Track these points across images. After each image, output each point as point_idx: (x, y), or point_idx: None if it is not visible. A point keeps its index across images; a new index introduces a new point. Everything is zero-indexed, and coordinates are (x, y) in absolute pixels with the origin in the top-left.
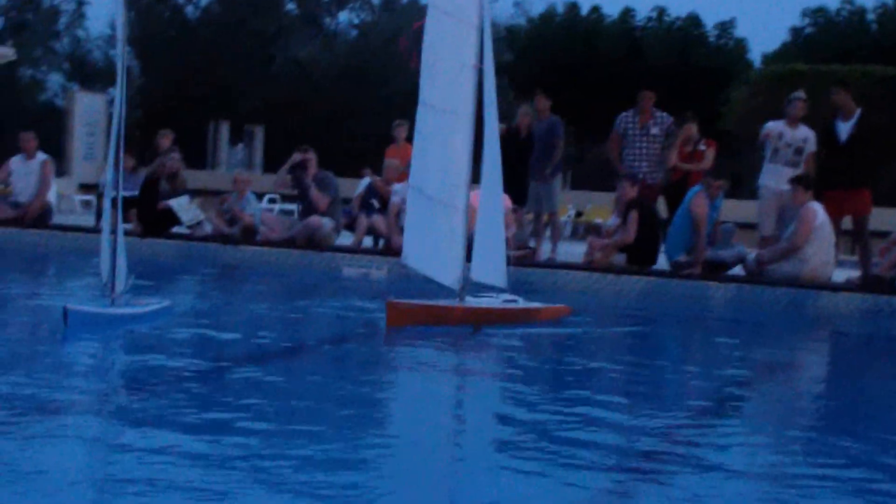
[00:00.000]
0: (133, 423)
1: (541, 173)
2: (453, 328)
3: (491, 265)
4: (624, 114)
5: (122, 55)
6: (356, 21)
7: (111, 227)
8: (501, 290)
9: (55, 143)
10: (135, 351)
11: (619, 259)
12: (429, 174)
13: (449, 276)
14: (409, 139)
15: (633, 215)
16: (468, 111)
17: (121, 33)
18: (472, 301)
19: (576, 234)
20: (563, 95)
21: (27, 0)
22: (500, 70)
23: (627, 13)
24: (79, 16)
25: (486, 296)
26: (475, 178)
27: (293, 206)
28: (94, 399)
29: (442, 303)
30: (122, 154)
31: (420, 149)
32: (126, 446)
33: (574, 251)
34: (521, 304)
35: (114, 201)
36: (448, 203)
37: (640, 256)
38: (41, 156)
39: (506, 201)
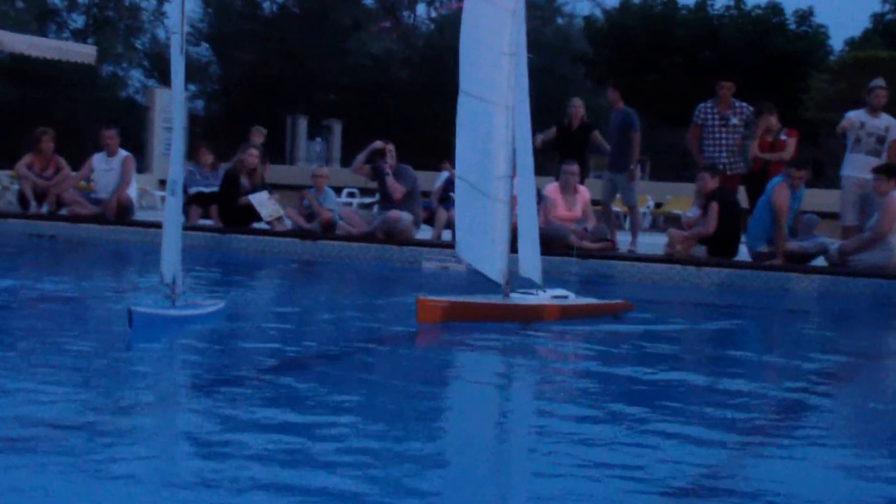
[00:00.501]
0: (220, 422)
1: (617, 165)
2: (499, 324)
3: (526, 258)
4: (703, 104)
5: (181, 50)
6: (433, 14)
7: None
8: (557, 286)
9: (136, 140)
10: (216, 349)
11: (700, 251)
12: (471, 165)
13: (494, 268)
14: None
15: (714, 207)
16: (506, 100)
17: (178, 26)
18: (516, 297)
19: (655, 226)
20: (640, 85)
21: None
22: (577, 60)
23: (705, 1)
24: (159, 12)
25: (531, 291)
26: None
27: (371, 200)
28: (180, 398)
29: (479, 299)
30: (181, 150)
31: (461, 139)
32: (214, 445)
33: (654, 243)
34: (573, 299)
35: (193, 197)
36: (490, 194)
37: (720, 248)
38: (123, 153)
39: (584, 193)
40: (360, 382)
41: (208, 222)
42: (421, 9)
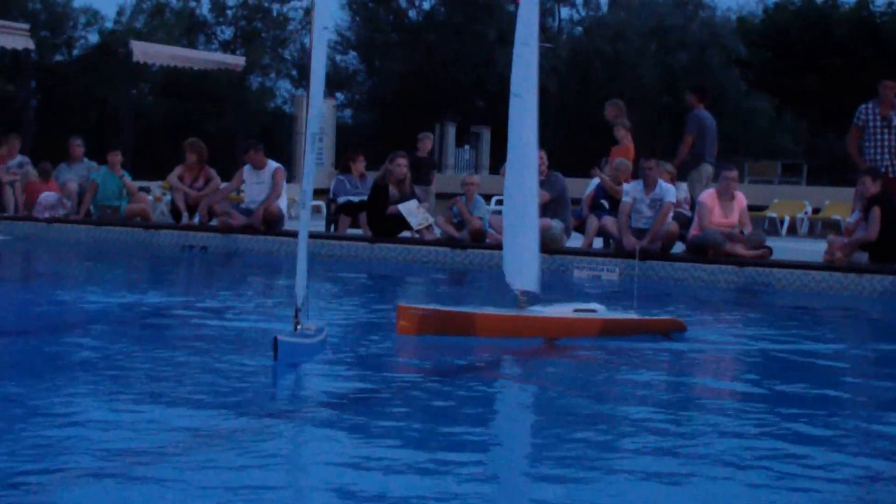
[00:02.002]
0: (368, 438)
1: (693, 163)
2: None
3: (521, 266)
4: (864, 105)
5: (320, 59)
6: (577, 18)
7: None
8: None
9: (285, 150)
10: (374, 363)
11: (861, 258)
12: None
13: (524, 279)
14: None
15: (876, 211)
16: (533, 96)
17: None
18: (537, 310)
19: (812, 232)
20: (797, 87)
21: (257, 9)
22: (732, 62)
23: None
24: (306, 22)
25: (554, 304)
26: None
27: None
28: (325, 414)
29: (477, 310)
30: (312, 162)
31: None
32: (356, 459)
33: (812, 249)
34: (604, 313)
35: (342, 207)
36: (520, 197)
37: (883, 254)
38: (273, 164)
39: (741, 199)
40: (506, 396)
41: (357, 231)
42: (565, 13)
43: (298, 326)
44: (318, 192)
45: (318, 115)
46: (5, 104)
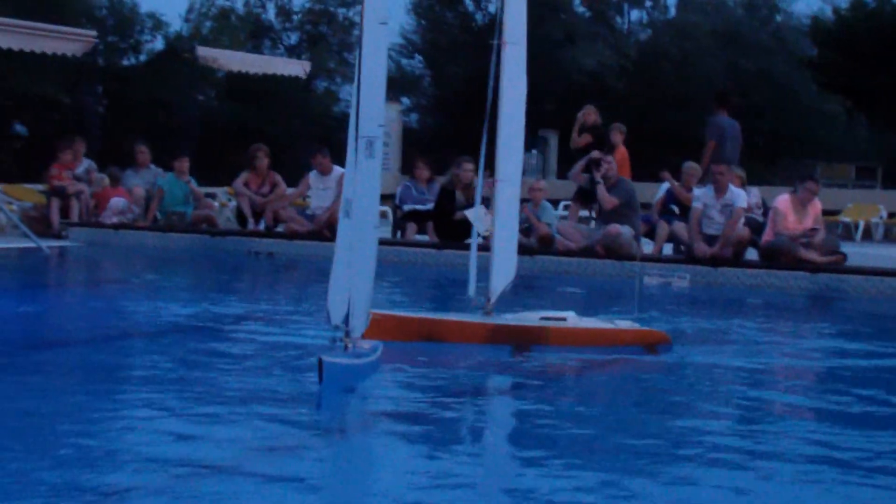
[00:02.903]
0: (438, 450)
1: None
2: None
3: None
4: None
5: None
6: (646, 20)
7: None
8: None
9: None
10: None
11: None
12: None
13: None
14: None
15: None
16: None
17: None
18: (504, 317)
19: (888, 237)
20: (869, 87)
21: (322, 13)
22: (803, 64)
23: None
24: None
25: (522, 311)
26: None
27: (586, 213)
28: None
29: (446, 316)
30: (353, 168)
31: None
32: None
33: (887, 255)
34: (574, 321)
35: (408, 214)
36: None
37: None
38: (339, 170)
39: (817, 205)
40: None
41: (424, 238)
42: (634, 15)
43: (349, 345)
44: (385, 198)
45: (373, 117)
46: (72, 110)
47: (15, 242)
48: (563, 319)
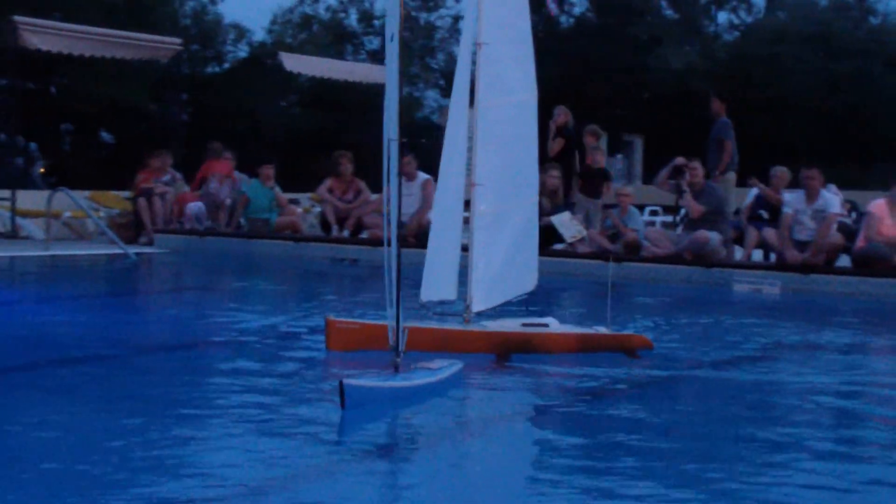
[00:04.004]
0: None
1: (712, 172)
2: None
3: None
4: None
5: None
6: (736, 22)
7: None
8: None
9: (434, 160)
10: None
11: None
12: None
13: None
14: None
15: None
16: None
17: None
18: (483, 324)
19: None
20: None
21: (404, 18)
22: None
23: None
24: (454, 31)
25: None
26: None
27: (671, 219)
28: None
29: (416, 324)
30: (395, 173)
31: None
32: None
33: None
34: (556, 327)
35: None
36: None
37: None
38: (423, 176)
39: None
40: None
41: None
42: (722, 17)
43: (416, 365)
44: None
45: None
46: (157, 118)
47: (103, 249)
48: (546, 326)
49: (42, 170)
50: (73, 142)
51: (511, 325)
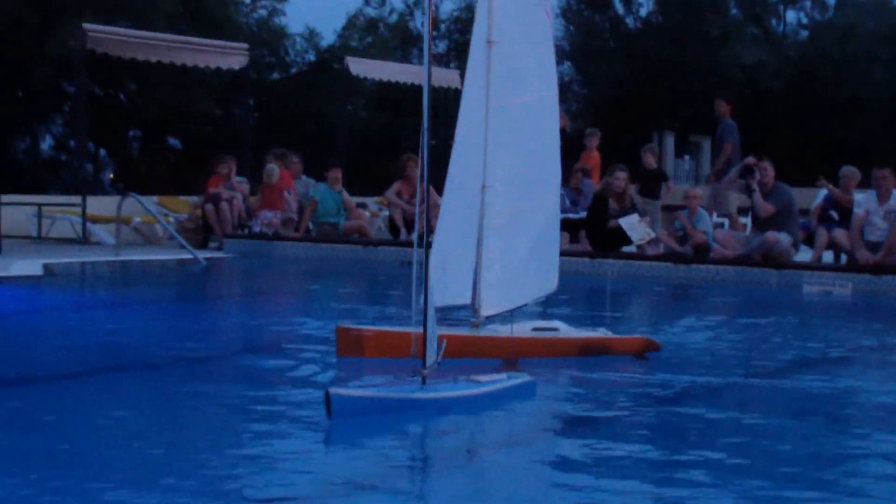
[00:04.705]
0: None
1: (714, 174)
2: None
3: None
4: None
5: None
6: (805, 21)
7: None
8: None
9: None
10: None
11: None
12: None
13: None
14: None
15: None
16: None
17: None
18: (499, 329)
19: None
20: None
21: (469, 21)
22: None
23: None
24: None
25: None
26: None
27: (743, 220)
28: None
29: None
30: (425, 173)
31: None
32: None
33: None
34: (565, 331)
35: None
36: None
37: None
38: None
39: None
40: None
41: (576, 246)
42: (791, 16)
43: (466, 377)
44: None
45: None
46: (224, 123)
47: (172, 254)
48: (556, 330)
49: (111, 175)
50: (141, 147)
51: (520, 329)
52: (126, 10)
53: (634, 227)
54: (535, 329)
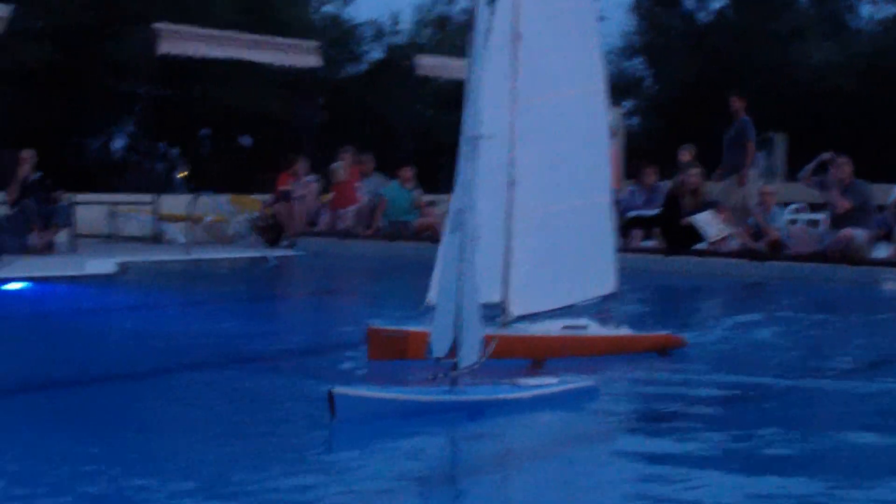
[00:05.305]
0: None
1: (735, 171)
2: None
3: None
4: None
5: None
6: (879, 16)
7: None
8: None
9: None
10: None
11: None
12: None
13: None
14: None
15: None
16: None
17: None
18: (522, 327)
19: None
20: None
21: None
22: None
23: None
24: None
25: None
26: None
27: (818, 216)
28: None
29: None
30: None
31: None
32: None
33: None
34: (594, 330)
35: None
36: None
37: None
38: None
39: None
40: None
41: (650, 243)
42: (864, 11)
43: (510, 380)
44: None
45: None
46: (294, 121)
47: (244, 252)
48: (585, 327)
49: (183, 174)
50: (211, 146)
51: (550, 327)
52: (190, 14)
53: (709, 223)
54: (565, 327)
